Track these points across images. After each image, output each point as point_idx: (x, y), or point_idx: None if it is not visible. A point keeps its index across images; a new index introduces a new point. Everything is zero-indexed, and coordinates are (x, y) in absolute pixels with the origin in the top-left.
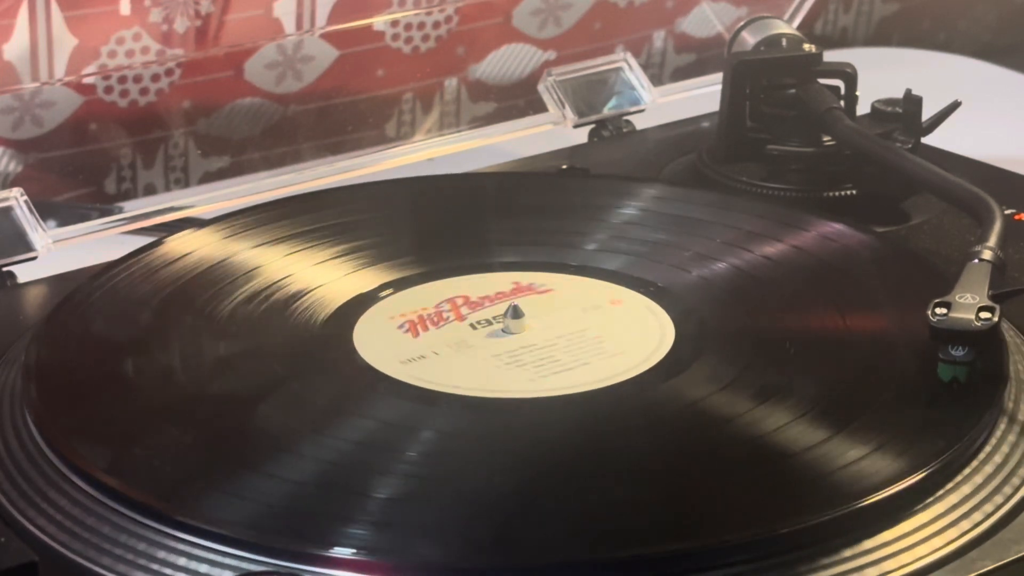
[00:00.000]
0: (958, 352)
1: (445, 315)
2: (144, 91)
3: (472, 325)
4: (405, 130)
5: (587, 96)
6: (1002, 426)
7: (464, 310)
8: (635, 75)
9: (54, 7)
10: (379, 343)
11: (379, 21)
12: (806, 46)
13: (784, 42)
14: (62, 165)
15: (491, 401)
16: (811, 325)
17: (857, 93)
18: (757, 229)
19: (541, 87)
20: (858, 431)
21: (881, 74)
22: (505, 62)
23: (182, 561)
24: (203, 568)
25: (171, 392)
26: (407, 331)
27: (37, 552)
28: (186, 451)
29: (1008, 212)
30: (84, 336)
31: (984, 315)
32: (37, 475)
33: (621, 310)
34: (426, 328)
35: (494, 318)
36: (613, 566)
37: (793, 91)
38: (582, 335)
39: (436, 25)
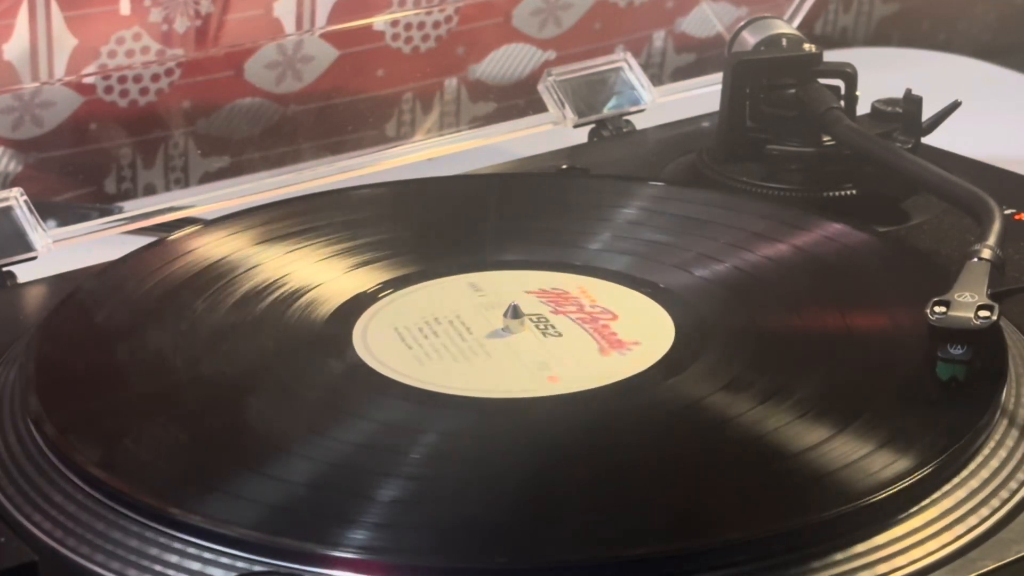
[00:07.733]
0: (957, 351)
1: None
2: (144, 91)
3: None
4: (405, 130)
5: (587, 96)
6: (1002, 426)
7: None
8: (635, 75)
9: (54, 7)
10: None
11: (379, 21)
12: (806, 46)
13: (784, 42)
14: (62, 165)
15: (490, 401)
16: (810, 324)
17: (857, 93)
18: (757, 229)
19: (541, 87)
20: (858, 430)
21: (881, 74)
22: (505, 62)
23: (180, 560)
24: (203, 568)
25: (171, 392)
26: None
27: (37, 552)
28: (186, 451)
29: (1008, 212)
30: (84, 336)
31: (983, 314)
32: (37, 475)
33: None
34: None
35: (495, 318)
36: (613, 566)
37: (793, 91)
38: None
39: (436, 25)
